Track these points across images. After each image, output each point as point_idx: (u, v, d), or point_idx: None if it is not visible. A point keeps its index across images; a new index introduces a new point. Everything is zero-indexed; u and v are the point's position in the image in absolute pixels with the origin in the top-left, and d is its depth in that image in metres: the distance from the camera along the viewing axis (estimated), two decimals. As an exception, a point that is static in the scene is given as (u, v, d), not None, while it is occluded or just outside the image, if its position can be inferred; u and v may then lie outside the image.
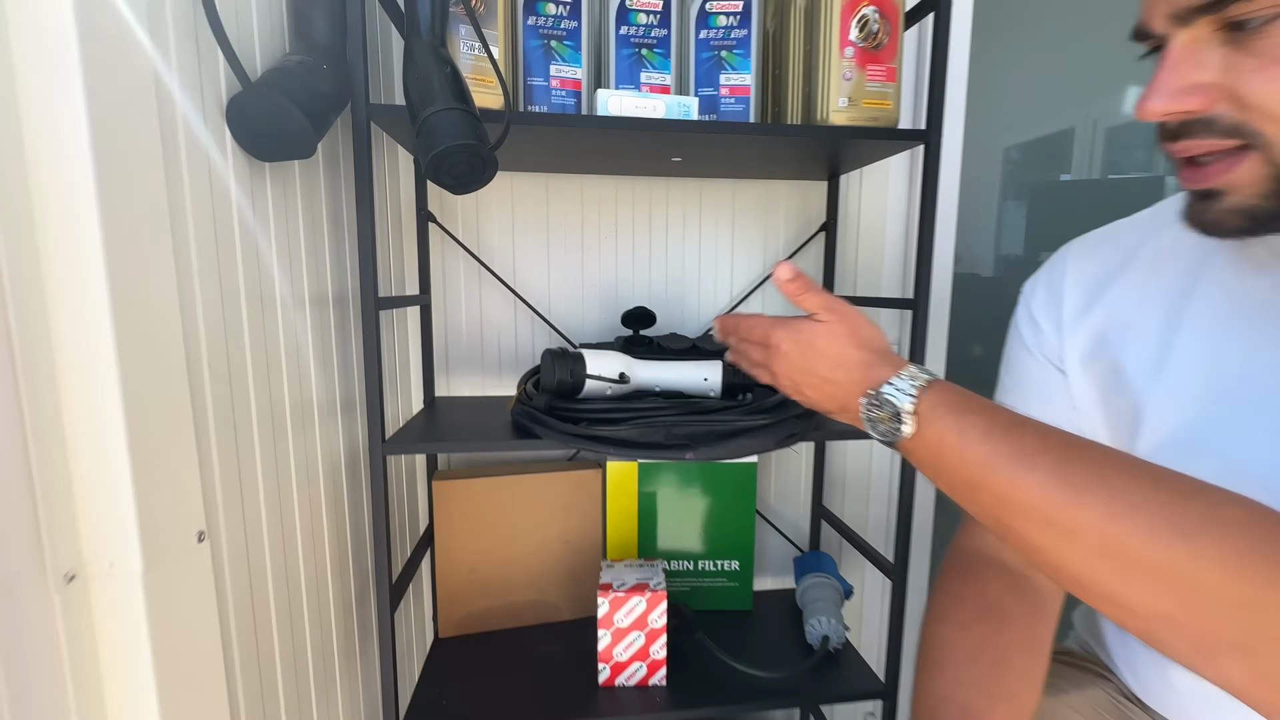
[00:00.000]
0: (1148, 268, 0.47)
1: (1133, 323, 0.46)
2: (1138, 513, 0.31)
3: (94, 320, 0.32)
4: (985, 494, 0.37)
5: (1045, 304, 0.52)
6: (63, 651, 0.32)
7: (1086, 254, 0.51)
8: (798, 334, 0.48)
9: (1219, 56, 0.34)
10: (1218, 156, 0.36)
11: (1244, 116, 0.34)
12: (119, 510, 0.33)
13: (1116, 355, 0.46)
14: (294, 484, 0.53)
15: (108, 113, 0.32)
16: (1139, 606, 0.31)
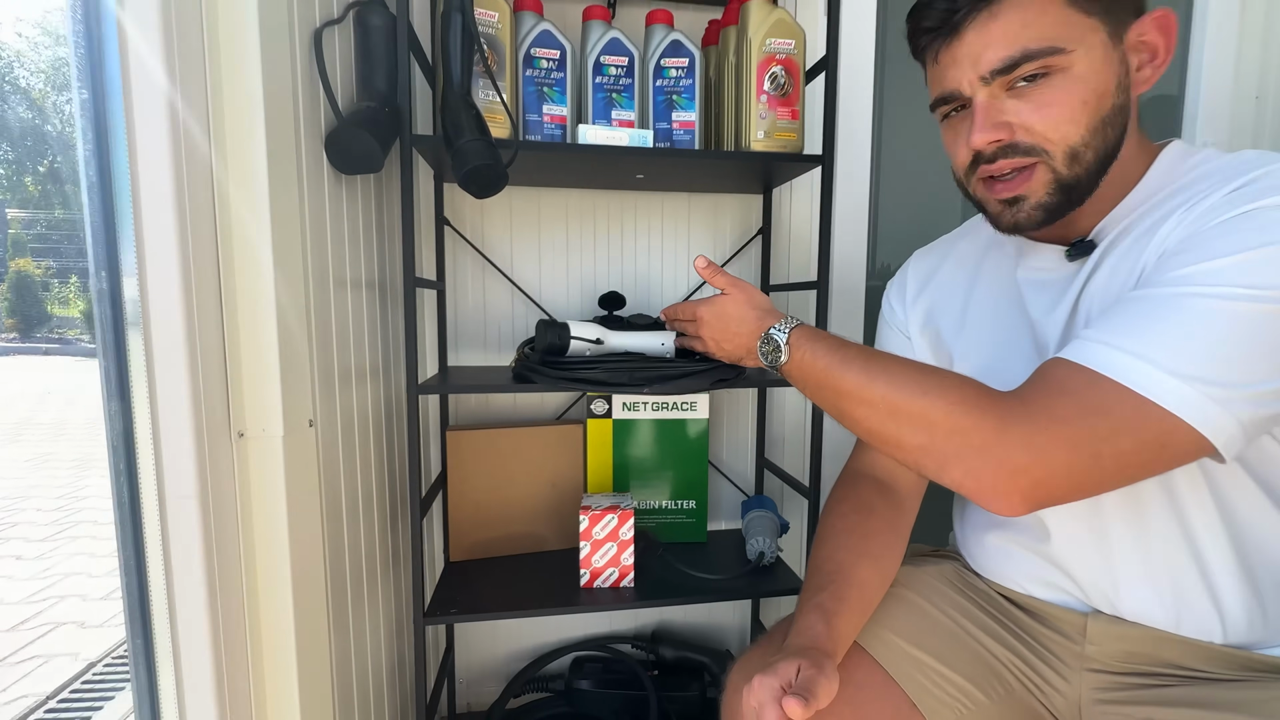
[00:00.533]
0: (953, 265, 0.68)
1: (945, 302, 0.67)
2: (904, 385, 0.51)
3: (262, 288, 0.51)
4: (828, 390, 0.57)
5: (897, 293, 0.73)
6: (235, 485, 0.51)
7: (920, 258, 0.73)
8: (712, 305, 0.71)
9: (1010, 105, 0.50)
10: (1017, 172, 0.52)
11: (1033, 140, 0.50)
12: (270, 394, 0.52)
13: (937, 323, 0.67)
14: (355, 417, 0.71)
15: (275, 145, 0.51)
16: (907, 442, 0.51)
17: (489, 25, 0.73)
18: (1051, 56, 0.47)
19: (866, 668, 0.59)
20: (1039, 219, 0.53)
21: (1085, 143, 0.49)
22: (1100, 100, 0.49)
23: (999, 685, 0.60)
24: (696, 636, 1.14)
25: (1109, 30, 0.48)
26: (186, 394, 0.46)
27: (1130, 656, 0.56)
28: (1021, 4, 0.48)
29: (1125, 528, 0.55)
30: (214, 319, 0.48)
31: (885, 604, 0.63)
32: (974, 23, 0.49)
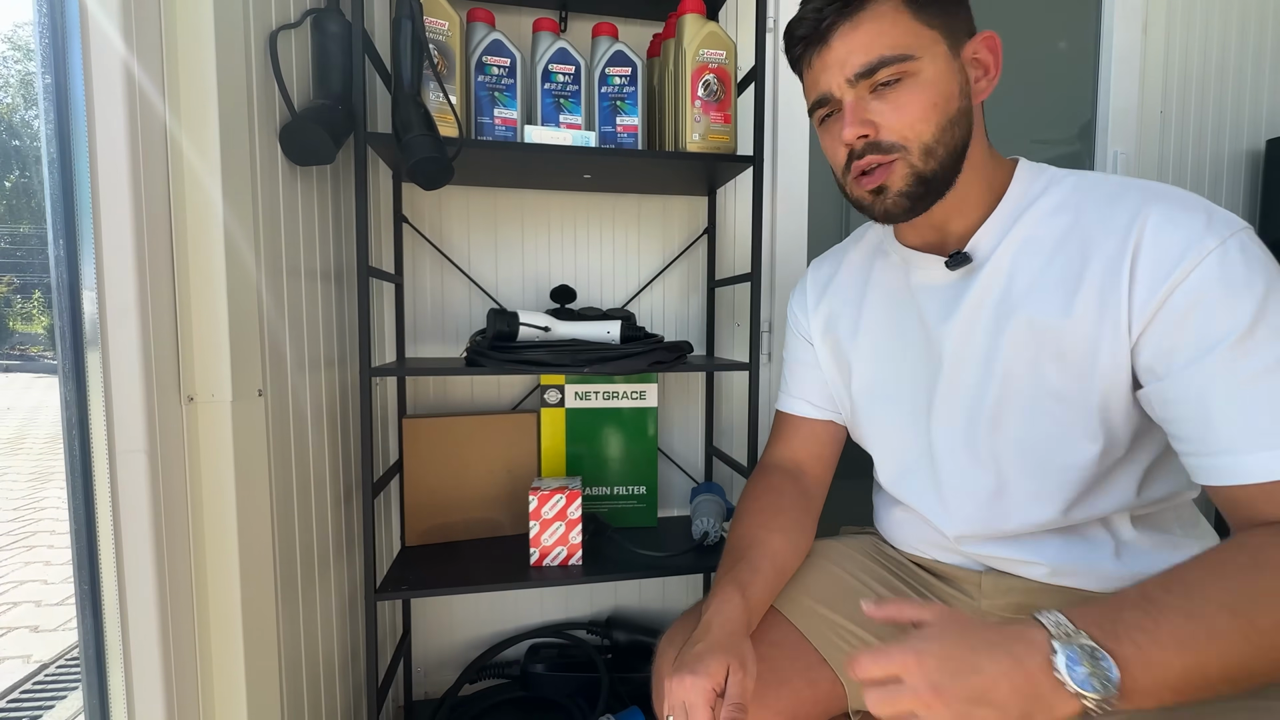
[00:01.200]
0: (846, 273, 0.73)
1: (840, 308, 0.73)
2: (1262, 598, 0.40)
3: (214, 260, 0.55)
4: (1215, 675, 0.39)
5: (799, 302, 0.78)
6: (185, 445, 0.54)
7: (817, 267, 0.78)
8: (923, 642, 0.42)
9: (874, 105, 0.56)
10: (880, 166, 0.57)
11: (893, 137, 0.55)
12: (220, 362, 0.56)
13: (835, 330, 0.73)
14: (308, 398, 0.75)
15: (228, 131, 0.56)
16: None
17: (439, 33, 0.79)
18: (904, 63, 0.54)
19: (781, 628, 0.64)
20: (904, 206, 0.57)
21: (936, 139, 0.55)
22: (947, 103, 0.55)
23: (903, 637, 0.65)
24: (650, 620, 1.17)
25: (948, 43, 0.55)
26: (137, 355, 0.49)
27: (1018, 608, 0.62)
28: (877, 16, 0.54)
29: (1050, 545, 0.60)
30: (166, 287, 0.52)
31: (803, 572, 0.69)
32: (839, 31, 0.55)
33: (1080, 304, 0.53)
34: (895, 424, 0.68)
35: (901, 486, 0.69)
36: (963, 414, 0.61)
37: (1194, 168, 1.31)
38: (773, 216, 1.16)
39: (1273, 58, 1.31)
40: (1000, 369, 0.58)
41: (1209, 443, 0.47)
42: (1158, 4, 1.26)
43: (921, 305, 0.64)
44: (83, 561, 0.50)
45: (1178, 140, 1.30)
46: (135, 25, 0.48)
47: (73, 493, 0.49)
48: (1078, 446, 0.56)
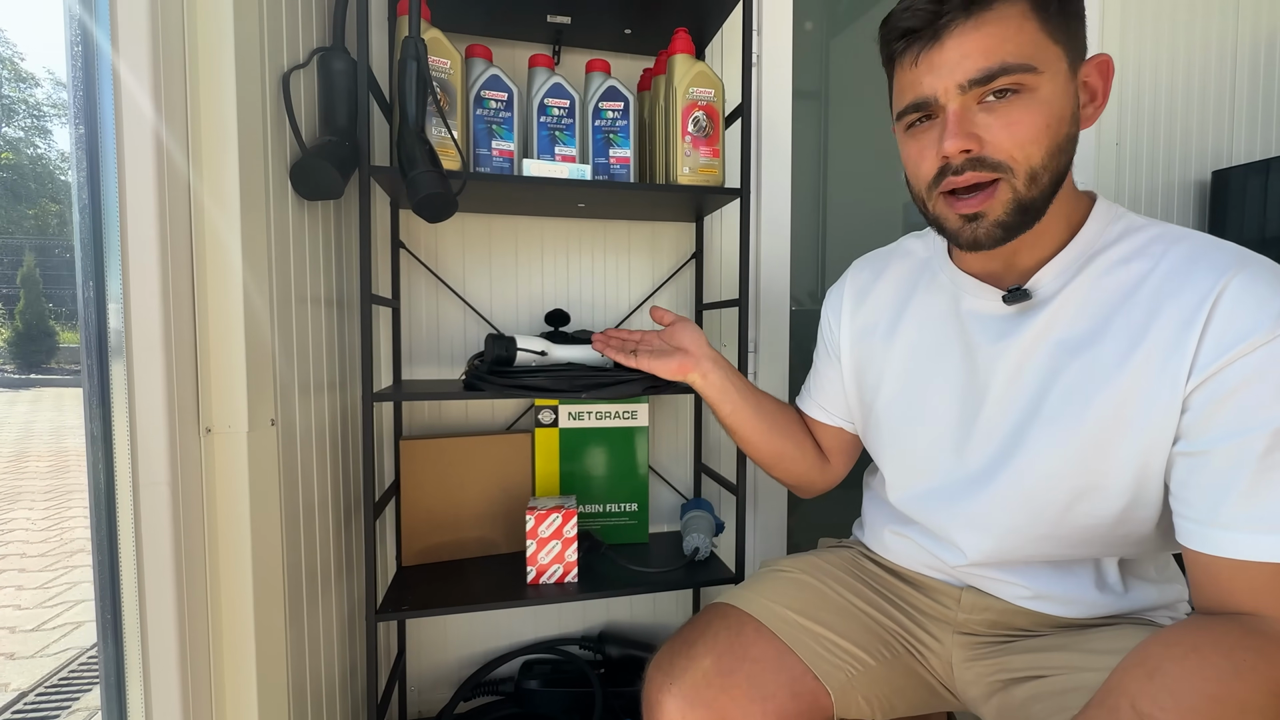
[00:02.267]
0: (888, 284, 0.73)
1: (878, 320, 0.72)
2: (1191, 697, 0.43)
3: (231, 296, 0.57)
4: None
5: (835, 306, 0.78)
6: (202, 475, 0.56)
7: (858, 271, 0.78)
8: None
9: (980, 118, 0.51)
10: (979, 189, 0.53)
11: (999, 156, 0.51)
12: (237, 394, 0.58)
13: (869, 339, 0.73)
14: (313, 423, 0.77)
15: (246, 173, 0.58)
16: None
17: (441, 71, 0.82)
18: (1026, 74, 0.50)
19: (765, 641, 0.66)
20: (998, 236, 0.54)
21: (1044, 165, 0.51)
22: (1059, 125, 0.51)
23: (885, 649, 0.68)
24: (642, 635, 1.20)
25: (1069, 61, 0.52)
26: (161, 390, 0.51)
27: (993, 625, 0.66)
28: (1004, 19, 0.50)
29: (1042, 572, 0.63)
30: (188, 327, 0.55)
31: (785, 587, 0.72)
32: (957, 30, 0.50)
33: (1141, 356, 0.51)
34: (925, 445, 0.67)
35: (918, 506, 0.69)
36: (1004, 446, 0.60)
37: (1148, 196, 1.40)
38: (758, 243, 1.21)
39: (1215, 98, 1.41)
40: (1049, 410, 0.56)
41: (1216, 515, 0.47)
42: (1112, 43, 1.35)
43: (970, 332, 0.62)
44: (105, 590, 0.51)
45: (1133, 171, 1.39)
46: (163, 77, 0.51)
47: (96, 524, 0.51)
48: (1107, 498, 0.55)
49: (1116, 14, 1.34)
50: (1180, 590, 0.65)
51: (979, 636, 0.66)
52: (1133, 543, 0.58)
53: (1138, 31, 1.36)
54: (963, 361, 0.63)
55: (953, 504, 0.65)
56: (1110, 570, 0.62)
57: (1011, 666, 0.62)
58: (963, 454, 0.63)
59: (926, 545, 0.69)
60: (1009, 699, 0.60)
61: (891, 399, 0.70)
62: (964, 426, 0.63)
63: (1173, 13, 1.37)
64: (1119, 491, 0.54)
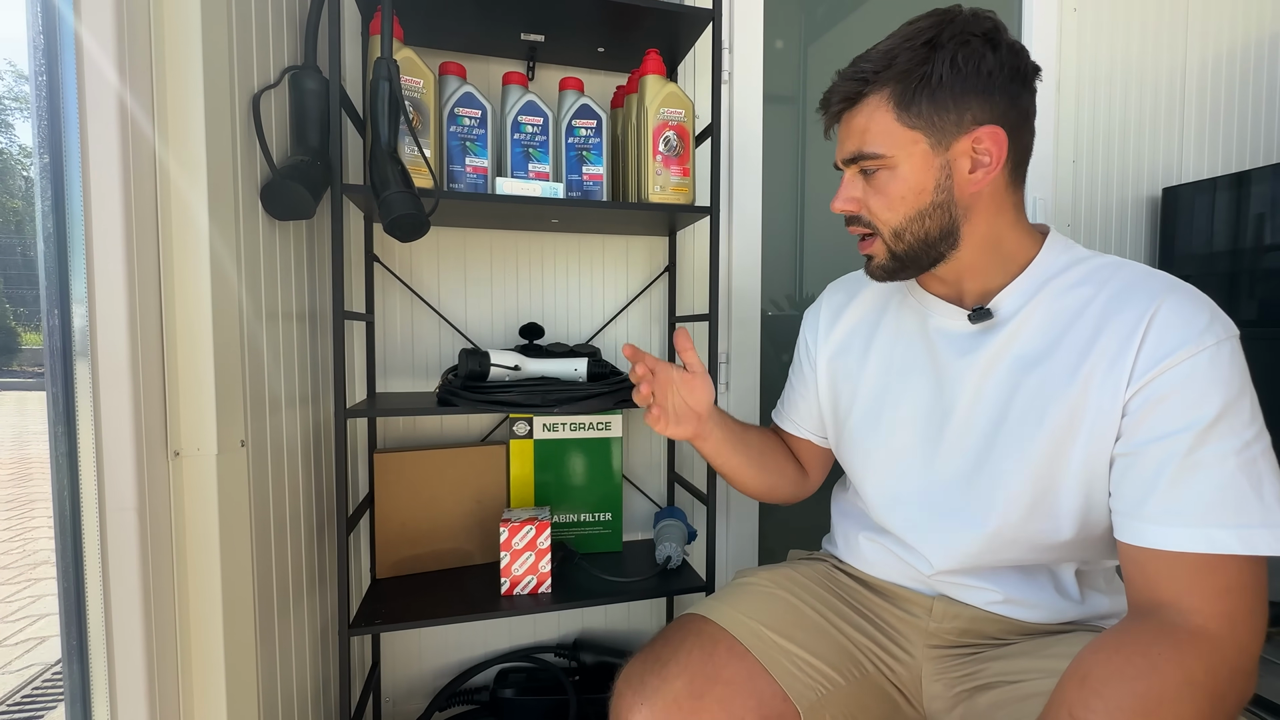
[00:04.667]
0: (862, 303, 0.79)
1: (852, 339, 0.78)
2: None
3: (200, 318, 0.58)
4: None
5: (811, 325, 0.84)
6: (170, 500, 0.56)
7: (833, 293, 0.84)
8: None
9: (860, 184, 0.65)
10: (866, 237, 0.67)
11: (869, 216, 0.65)
12: (205, 416, 0.58)
13: (844, 357, 0.79)
14: (285, 440, 0.77)
15: (215, 196, 0.59)
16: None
17: (414, 90, 0.83)
18: (877, 160, 0.62)
19: (738, 660, 0.67)
20: (882, 275, 0.68)
21: (904, 227, 0.63)
22: (918, 196, 0.61)
23: (855, 669, 0.70)
24: (616, 642, 1.22)
25: (931, 142, 0.60)
26: (128, 414, 0.52)
27: (963, 633, 0.69)
28: (868, 112, 0.62)
29: (1009, 577, 0.67)
30: (155, 346, 0.55)
31: (760, 602, 0.74)
32: (842, 117, 0.65)
33: (1086, 370, 0.57)
34: (896, 454, 0.72)
35: (890, 514, 0.73)
36: (971, 455, 0.65)
37: (1103, 212, 1.46)
38: (729, 257, 1.24)
39: (1165, 118, 1.48)
40: (1010, 420, 0.62)
41: (1143, 508, 0.53)
42: (1069, 64, 1.40)
43: (938, 349, 0.69)
44: (70, 611, 0.51)
45: (1088, 187, 1.44)
46: (131, 76, 0.51)
47: (61, 547, 0.51)
48: (1061, 502, 0.60)
49: (1073, 35, 1.40)
50: (1123, 600, 0.68)
51: (949, 648, 0.69)
52: (1087, 548, 0.63)
53: (1094, 52, 1.42)
54: (931, 376, 0.69)
55: (923, 511, 0.69)
56: (1067, 577, 0.67)
57: (978, 675, 0.65)
58: (932, 464, 0.68)
59: (899, 553, 0.73)
60: (973, 707, 0.63)
61: (864, 413, 0.75)
62: (932, 438, 0.68)
63: (1126, 35, 1.44)
64: (1071, 495, 0.59)
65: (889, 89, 0.60)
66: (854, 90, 0.62)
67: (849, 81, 0.63)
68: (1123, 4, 1.42)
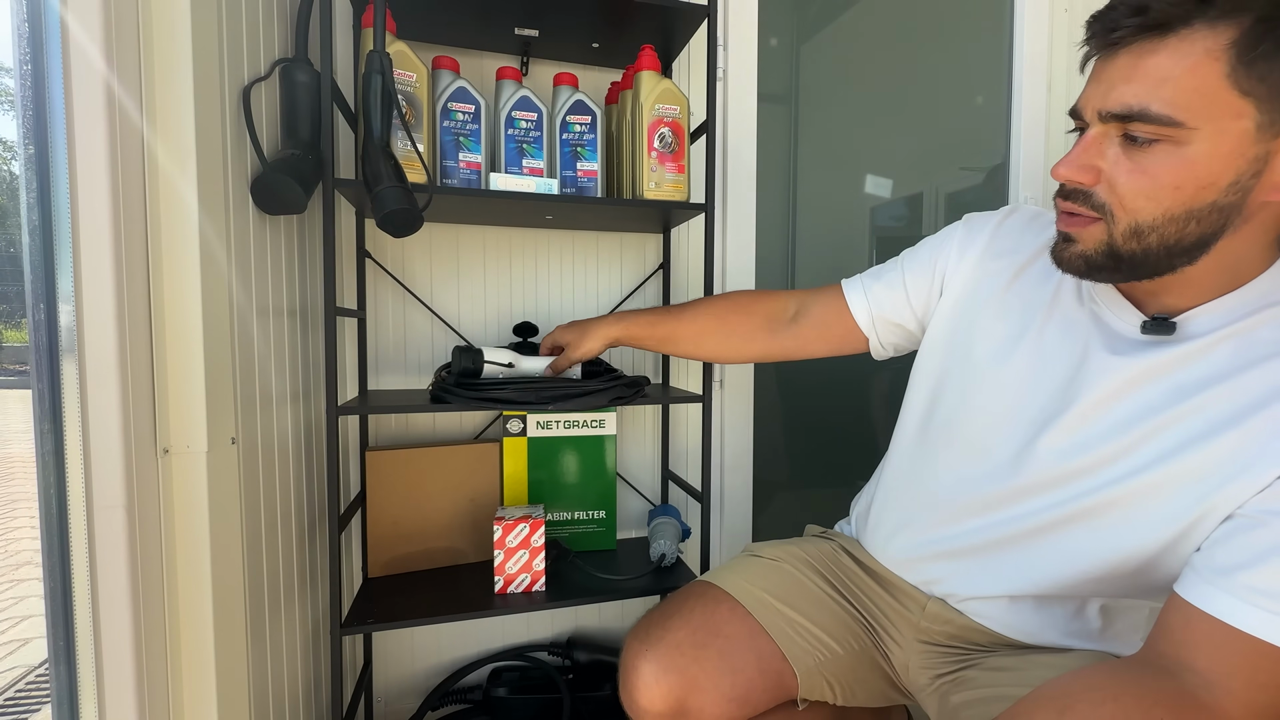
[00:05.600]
0: (1041, 250, 0.63)
1: (1011, 274, 0.64)
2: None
3: (190, 313, 0.57)
4: None
5: (973, 234, 0.69)
6: (160, 498, 0.55)
7: (1020, 217, 0.68)
8: None
9: (1114, 152, 0.48)
10: (1072, 215, 0.51)
11: (1109, 199, 0.48)
12: (195, 413, 0.57)
13: (991, 283, 0.65)
14: (275, 437, 0.76)
15: (205, 190, 0.58)
16: None
17: (407, 84, 0.82)
18: (1167, 128, 0.44)
19: (739, 620, 0.70)
20: (1079, 267, 0.52)
21: (1153, 225, 0.47)
22: (1199, 191, 0.45)
23: (853, 640, 0.72)
24: (609, 640, 1.22)
25: (1262, 121, 0.43)
26: (116, 410, 0.51)
27: (952, 637, 0.69)
28: (1179, 54, 0.43)
29: (1023, 605, 0.63)
30: (144, 342, 0.54)
31: (764, 571, 0.75)
32: (1125, 51, 0.46)
33: (1257, 424, 0.47)
34: (994, 418, 0.63)
35: (950, 476, 0.66)
36: (1063, 459, 0.57)
37: (1092, 211, 1.47)
38: (724, 255, 1.24)
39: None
40: (1128, 440, 0.53)
41: (1231, 577, 0.45)
42: (1060, 64, 1.41)
43: (1092, 333, 0.58)
44: (57, 611, 0.51)
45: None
46: (116, 53, 0.50)
47: (48, 546, 0.50)
48: (1142, 541, 0.53)
49: (1064, 35, 1.41)
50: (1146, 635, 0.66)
51: (936, 646, 0.70)
52: (1131, 589, 0.58)
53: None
54: (1070, 360, 0.59)
55: (988, 487, 0.62)
56: (1091, 609, 0.62)
57: (957, 676, 0.65)
58: (1028, 446, 0.59)
59: (928, 521, 0.68)
60: (945, 704, 0.64)
61: (989, 356, 0.64)
62: (1041, 422, 0.59)
63: (1115, 37, 1.44)
64: (1156, 539, 0.52)
65: (1233, 29, 0.42)
66: (1172, 11, 0.43)
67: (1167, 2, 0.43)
68: (1112, 5, 1.43)
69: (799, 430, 1.40)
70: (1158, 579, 0.55)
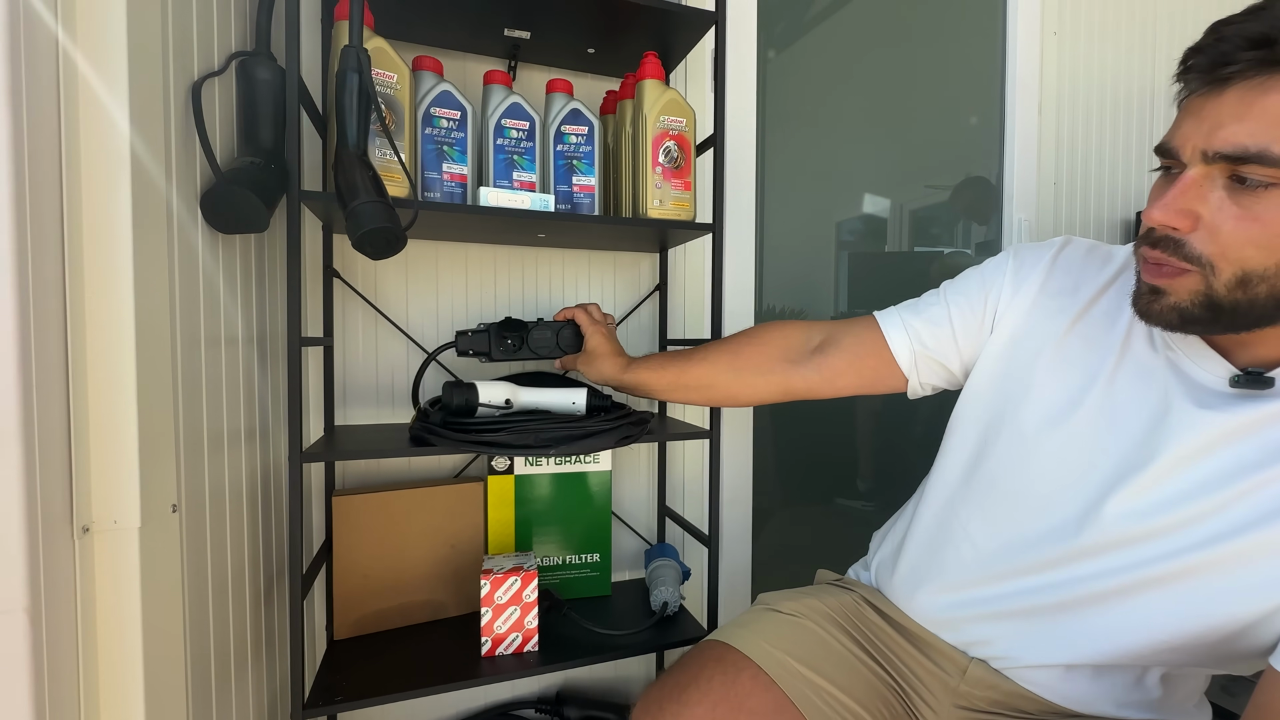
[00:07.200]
0: (1107, 287, 0.59)
1: (1071, 313, 0.59)
2: None
3: (121, 357, 0.46)
4: None
5: (1026, 268, 0.63)
6: (76, 590, 0.44)
7: (1080, 251, 0.63)
8: None
9: (1218, 196, 0.44)
10: (1161, 265, 0.47)
11: (1207, 249, 0.44)
12: (126, 480, 0.46)
13: (1051, 324, 0.60)
14: (226, 489, 0.64)
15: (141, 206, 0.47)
16: None
17: (387, 86, 0.73)
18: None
19: (763, 690, 0.62)
20: (1171, 320, 0.48)
21: (1264, 275, 0.44)
22: None
23: (884, 708, 0.65)
24: (602, 693, 1.12)
25: None
26: (18, 483, 0.40)
27: (995, 704, 0.63)
28: None
29: (1079, 673, 0.59)
30: (58, 390, 0.43)
31: (785, 630, 0.68)
32: (1236, 86, 0.42)
33: None
34: (1054, 480, 0.58)
35: (1001, 532, 0.61)
36: (1140, 519, 0.52)
37: (1081, 233, 1.47)
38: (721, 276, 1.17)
39: (1138, 144, 1.51)
40: (1217, 502, 0.49)
41: None
42: (1050, 87, 1.41)
43: (1172, 385, 0.53)
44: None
45: (1068, 209, 1.45)
46: (25, 71, 0.40)
47: (-82, 668, 0.38)
48: (1225, 613, 0.49)
49: (1054, 58, 1.41)
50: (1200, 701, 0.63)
51: (977, 712, 0.63)
52: (1213, 659, 0.54)
53: (1072, 74, 1.43)
54: (1152, 409, 0.53)
55: (1044, 553, 0.57)
56: (1151, 678, 0.58)
57: None
58: (1096, 509, 0.54)
59: (962, 585, 0.64)
60: None
61: (1048, 408, 0.58)
62: (1108, 484, 0.54)
63: (1101, 58, 1.45)
64: (1250, 609, 0.48)
65: None
66: None
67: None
68: (1098, 27, 1.44)
69: (794, 455, 1.34)
70: (1243, 649, 0.51)
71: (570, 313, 0.88)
